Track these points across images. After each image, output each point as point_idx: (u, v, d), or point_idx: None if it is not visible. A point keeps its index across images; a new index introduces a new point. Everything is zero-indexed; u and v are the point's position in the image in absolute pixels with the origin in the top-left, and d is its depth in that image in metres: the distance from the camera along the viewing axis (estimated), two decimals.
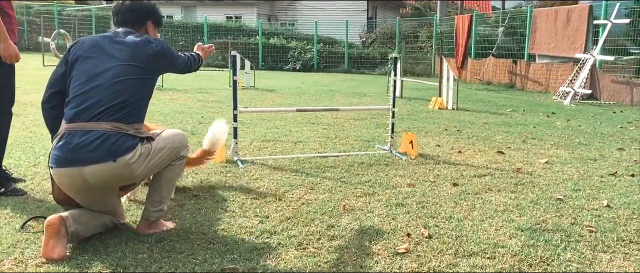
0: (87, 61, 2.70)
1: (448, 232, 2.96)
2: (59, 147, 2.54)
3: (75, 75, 2.69)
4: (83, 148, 2.49)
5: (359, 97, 10.72)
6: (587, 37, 11.67)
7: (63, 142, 2.53)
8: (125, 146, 2.56)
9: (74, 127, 2.55)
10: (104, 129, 2.54)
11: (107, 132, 2.53)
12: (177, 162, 2.89)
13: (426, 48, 19.40)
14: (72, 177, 2.53)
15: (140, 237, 2.79)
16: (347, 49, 21.41)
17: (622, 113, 9.16)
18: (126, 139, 2.58)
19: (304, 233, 2.91)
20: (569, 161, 4.95)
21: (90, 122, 2.55)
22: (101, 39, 2.79)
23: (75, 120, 2.57)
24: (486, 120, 7.68)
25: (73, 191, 2.63)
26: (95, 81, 2.64)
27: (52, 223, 2.45)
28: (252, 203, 3.46)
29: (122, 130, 2.58)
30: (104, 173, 2.53)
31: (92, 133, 2.52)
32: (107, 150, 2.51)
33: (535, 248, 2.74)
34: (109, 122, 2.56)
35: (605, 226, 3.10)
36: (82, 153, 2.49)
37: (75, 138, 2.51)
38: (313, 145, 5.47)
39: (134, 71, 2.70)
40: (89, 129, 2.53)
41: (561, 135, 6.52)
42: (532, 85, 13.36)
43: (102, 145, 2.50)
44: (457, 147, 5.51)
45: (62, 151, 2.52)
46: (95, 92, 2.61)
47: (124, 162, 2.55)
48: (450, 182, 4.06)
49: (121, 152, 2.54)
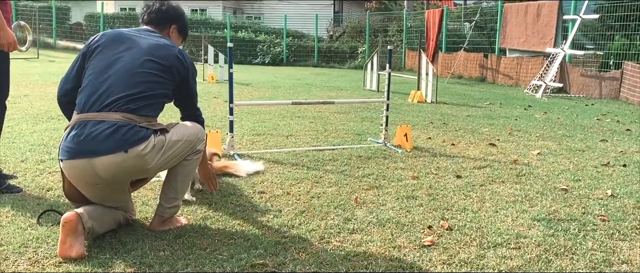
0: (106, 51, 2.60)
1: (467, 223, 2.95)
2: (69, 139, 2.43)
3: (92, 65, 2.58)
4: (93, 139, 2.38)
5: (337, 91, 10.69)
6: (557, 32, 11.96)
7: (74, 133, 2.42)
8: (138, 136, 2.44)
9: (85, 117, 2.44)
10: (115, 119, 2.43)
11: (118, 122, 2.42)
12: (194, 157, 2.78)
13: (396, 42, 19.52)
14: (83, 169, 2.41)
15: (156, 233, 2.68)
16: (317, 43, 21.34)
17: (594, 106, 9.43)
18: (138, 130, 2.45)
19: (322, 227, 2.85)
20: (559, 152, 5.04)
21: (101, 112, 2.44)
22: (125, 32, 2.70)
23: (87, 109, 2.46)
24: (468, 113, 7.77)
25: (84, 185, 2.50)
26: (111, 70, 2.54)
27: (70, 221, 2.32)
28: (260, 197, 3.38)
29: (133, 121, 2.46)
30: (115, 165, 2.40)
31: (104, 123, 2.41)
32: (118, 140, 2.39)
33: (556, 237, 2.76)
34: (120, 112, 2.45)
35: (616, 215, 3.15)
36: (93, 144, 2.37)
37: (86, 129, 2.40)
38: (305, 138, 5.40)
39: (152, 66, 2.59)
40: (100, 119, 2.42)
41: (543, 127, 6.65)
42: (503, 79, 13.62)
43: (113, 135, 2.39)
44: (449, 140, 5.54)
45: (73, 142, 2.40)
46: (109, 81, 2.51)
47: (136, 153, 2.43)
48: (453, 174, 4.06)
49: (133, 143, 2.42)
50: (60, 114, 6.31)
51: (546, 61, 11.79)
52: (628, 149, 5.28)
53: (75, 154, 2.39)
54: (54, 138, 4.88)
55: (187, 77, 2.75)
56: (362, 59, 19.76)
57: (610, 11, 11.39)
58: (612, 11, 11.31)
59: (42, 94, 8.04)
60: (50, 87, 9.05)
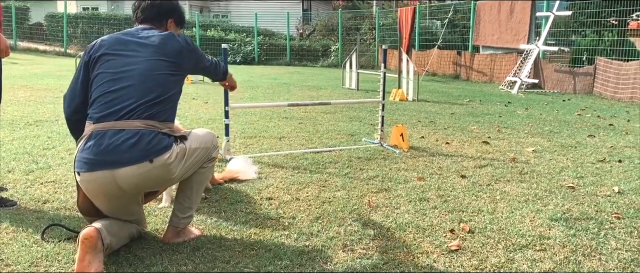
0: (112, 59, 2.44)
1: (487, 225, 2.91)
2: (87, 150, 2.26)
3: (100, 74, 2.41)
4: (116, 149, 2.23)
5: (316, 90, 10.60)
6: (530, 29, 12.15)
7: (92, 143, 2.26)
8: (162, 145, 2.32)
9: (102, 127, 2.29)
10: (137, 127, 2.29)
11: (140, 130, 2.28)
12: (208, 164, 2.66)
13: (369, 40, 19.54)
14: (104, 181, 2.26)
15: (172, 246, 2.54)
16: (289, 41, 21.20)
17: (570, 101, 9.61)
18: (162, 138, 2.33)
19: (342, 234, 2.77)
20: (553, 149, 5.08)
21: (119, 121, 2.29)
22: (123, 36, 2.53)
23: (103, 120, 2.31)
24: (452, 111, 7.79)
25: (102, 198, 2.35)
26: (123, 78, 2.38)
27: (90, 237, 2.17)
28: (269, 203, 3.27)
29: (155, 128, 2.34)
30: (139, 175, 2.27)
31: (124, 132, 2.26)
32: (142, 150, 2.26)
33: (579, 238, 2.75)
34: (141, 120, 2.31)
35: (629, 212, 3.17)
36: (115, 154, 2.23)
37: (106, 139, 2.25)
38: (299, 140, 5.30)
39: (162, 66, 2.46)
40: (119, 128, 2.28)
41: (529, 123, 6.72)
42: (477, 76, 13.78)
43: (137, 144, 2.25)
44: (442, 139, 5.52)
45: (92, 153, 2.24)
46: (124, 90, 2.35)
47: (162, 162, 2.30)
48: (456, 174, 4.03)
49: (158, 152, 2.29)
50: (37, 119, 6.08)
51: (520, 58, 11.97)
52: (617, 144, 5.36)
53: (96, 166, 2.24)
54: (37, 146, 4.64)
55: (195, 55, 2.69)
56: (336, 57, 19.73)
57: (581, 8, 11.64)
58: (584, 8, 11.56)
59: (12, 99, 7.69)
60: (19, 91, 8.68)
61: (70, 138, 4.97)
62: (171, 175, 2.38)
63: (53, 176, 3.73)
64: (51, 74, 12.35)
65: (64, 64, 16.33)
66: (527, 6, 12.18)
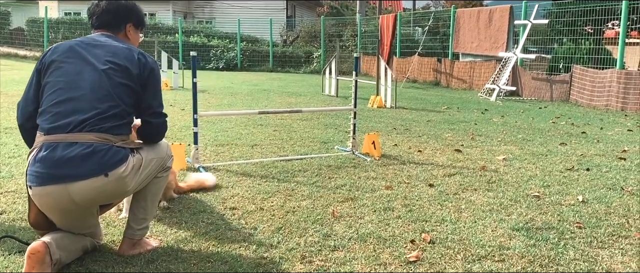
0: (63, 67, 2.35)
1: (448, 236, 2.91)
2: (38, 163, 2.18)
3: (50, 82, 2.33)
4: (68, 162, 2.16)
5: (295, 97, 10.58)
6: (509, 37, 12.27)
7: (43, 156, 2.18)
8: (117, 158, 2.26)
9: (53, 139, 2.21)
10: (90, 140, 2.22)
11: (94, 144, 2.22)
12: (163, 174, 2.62)
13: (350, 47, 19.59)
14: (58, 195, 2.19)
15: (126, 259, 2.49)
16: (272, 48, 21.17)
17: (547, 108, 9.70)
18: (116, 151, 2.27)
19: (302, 245, 2.74)
20: (523, 157, 5.10)
21: (71, 133, 2.21)
22: (77, 43, 2.43)
23: (54, 131, 2.23)
24: (428, 118, 7.82)
25: (56, 212, 2.29)
26: (74, 87, 2.30)
27: (37, 252, 2.12)
28: (232, 214, 3.23)
29: (109, 141, 2.27)
30: (93, 189, 2.21)
31: (77, 145, 2.19)
32: (97, 163, 2.19)
33: (538, 248, 2.75)
34: (95, 133, 2.24)
35: (591, 222, 3.18)
36: (68, 168, 2.16)
37: (58, 151, 2.17)
38: (271, 148, 5.27)
39: (116, 75, 2.36)
40: (71, 140, 2.20)
41: (503, 131, 6.76)
42: (457, 83, 13.86)
43: (90, 157, 2.19)
44: (415, 146, 5.53)
45: (44, 167, 2.17)
46: (75, 100, 2.27)
47: (117, 176, 2.25)
48: (424, 183, 4.03)
49: (113, 165, 2.24)
50: (7, 126, 5.97)
51: (499, 65, 12.07)
52: (587, 152, 5.41)
53: (48, 180, 2.16)
54: (3, 154, 4.56)
55: (152, 75, 2.47)
56: (318, 64, 19.74)
57: (558, 16, 11.78)
58: (560, 16, 11.70)
59: None
60: None
61: None
62: (126, 188, 2.34)
63: (14, 186, 3.66)
64: None
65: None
66: (506, 14, 12.30)
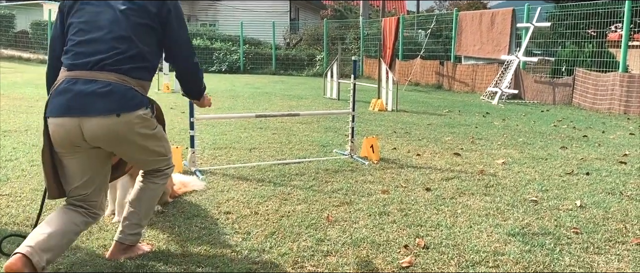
0: (85, 7, 2.39)
1: (443, 241, 2.88)
2: (57, 94, 2.27)
3: (73, 23, 2.37)
4: (85, 97, 2.23)
5: (297, 100, 10.57)
6: (511, 40, 12.22)
7: (63, 88, 2.26)
8: (132, 102, 2.31)
9: (74, 75, 2.28)
10: (109, 79, 2.28)
11: (112, 83, 2.27)
12: (160, 181, 2.60)
13: (353, 50, 19.57)
14: (69, 127, 2.25)
15: (114, 263, 2.47)
16: (275, 51, 21.17)
17: (549, 112, 9.65)
18: (134, 95, 2.33)
19: (295, 250, 2.72)
20: (523, 161, 5.07)
21: (92, 71, 2.28)
22: None
23: (76, 68, 2.29)
24: (429, 122, 7.78)
25: (68, 147, 2.32)
26: (95, 28, 2.34)
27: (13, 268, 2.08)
28: (226, 218, 3.21)
29: (127, 83, 2.32)
30: (102, 127, 2.25)
31: (96, 82, 2.26)
32: (112, 102, 2.26)
33: (533, 253, 2.72)
34: (114, 73, 2.29)
35: (588, 227, 3.15)
36: (84, 102, 2.23)
37: (77, 86, 2.25)
38: (269, 151, 5.25)
39: (135, 14, 2.37)
40: (91, 78, 2.27)
41: (504, 134, 6.72)
42: (459, 86, 13.82)
43: (107, 96, 2.25)
44: (414, 150, 5.50)
45: (62, 99, 2.25)
46: (95, 41, 2.32)
47: (128, 119, 2.29)
48: (422, 187, 4.00)
49: (126, 108, 2.29)
50: (6, 129, 5.98)
51: (501, 68, 12.03)
52: (588, 156, 5.37)
53: (65, 111, 2.24)
54: (0, 157, 4.55)
55: (176, 13, 2.47)
56: (321, 67, 19.72)
57: (561, 19, 11.73)
58: (563, 19, 11.64)
59: None
60: None
61: (35, 150, 4.90)
62: (132, 137, 2.35)
63: (9, 189, 3.65)
64: (31, 83, 12.20)
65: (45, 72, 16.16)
66: (508, 17, 12.25)
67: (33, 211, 3.18)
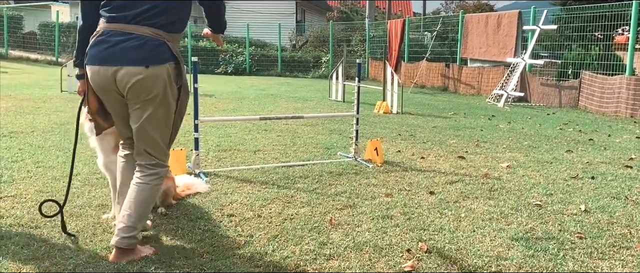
0: None
1: (445, 245, 2.87)
2: (96, 45, 2.51)
3: None
4: (121, 49, 2.47)
5: (302, 102, 10.57)
6: (517, 42, 12.18)
7: (101, 39, 2.50)
8: (162, 57, 2.52)
9: (113, 27, 2.50)
10: (144, 33, 2.49)
11: (146, 37, 2.49)
12: (156, 181, 2.63)
13: (359, 52, 19.57)
14: (105, 75, 2.51)
15: (116, 266, 2.48)
16: (280, 52, 21.21)
17: (555, 115, 9.61)
18: (165, 50, 2.53)
19: (297, 254, 2.72)
20: (528, 164, 5.05)
21: (129, 24, 2.49)
22: None
23: (114, 20, 2.51)
24: (434, 124, 7.77)
25: (104, 93, 2.59)
26: None
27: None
28: (230, 221, 3.22)
29: (161, 37, 2.52)
30: (132, 75, 2.47)
31: (133, 36, 2.48)
32: (143, 54, 2.47)
33: (536, 258, 2.71)
34: (149, 27, 2.50)
35: (592, 232, 3.13)
36: (118, 52, 2.47)
37: (114, 37, 2.48)
38: (273, 154, 5.26)
39: None
40: (128, 31, 2.49)
41: (509, 137, 6.70)
42: (465, 89, 13.79)
43: (141, 48, 2.47)
44: (418, 153, 5.49)
45: (100, 49, 2.50)
46: None
47: (155, 71, 2.50)
48: (425, 191, 3.99)
49: (156, 60, 2.50)
50: (12, 130, 6.01)
51: (507, 71, 11.99)
52: (593, 160, 5.34)
53: (101, 60, 2.49)
54: (5, 158, 4.58)
55: None
56: (326, 68, 19.73)
57: (567, 22, 11.68)
58: (569, 22, 11.60)
59: None
60: (2, 101, 8.60)
61: (40, 151, 4.93)
62: (155, 91, 2.52)
63: (14, 190, 3.67)
64: (38, 84, 12.28)
65: (53, 73, 16.24)
66: (514, 20, 12.22)
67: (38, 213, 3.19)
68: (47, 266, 2.48)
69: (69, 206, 3.34)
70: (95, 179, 4.01)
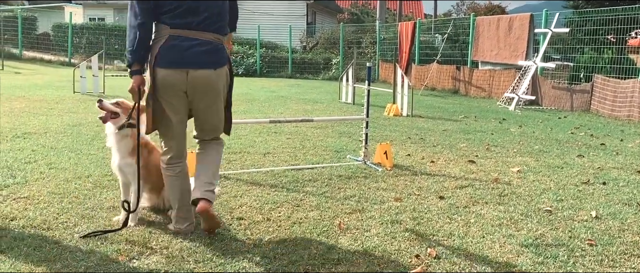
0: None
1: (454, 251, 2.87)
2: (168, 49, 2.77)
3: None
4: (192, 53, 2.79)
5: (312, 104, 10.59)
6: (529, 45, 12.11)
7: (173, 44, 2.77)
8: (224, 59, 2.94)
9: (180, 33, 2.80)
10: (208, 38, 2.85)
11: (211, 42, 2.86)
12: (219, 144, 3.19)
13: (369, 54, 19.56)
14: (178, 77, 2.80)
15: (126, 269, 2.51)
16: (291, 54, 21.25)
17: (567, 118, 9.54)
18: (224, 52, 2.94)
19: (306, 258, 2.73)
20: (539, 169, 5.02)
21: (195, 30, 2.81)
22: None
23: (179, 26, 2.79)
24: (444, 128, 7.75)
25: (172, 93, 2.84)
26: None
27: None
28: (239, 224, 3.24)
29: (220, 41, 2.91)
30: (203, 78, 2.83)
31: (200, 41, 2.82)
32: (211, 57, 2.85)
33: (546, 265, 2.70)
34: (211, 32, 2.85)
35: (603, 239, 3.11)
36: (191, 57, 2.79)
37: (184, 42, 2.79)
38: (283, 156, 5.27)
39: None
40: (194, 36, 2.81)
41: (520, 142, 6.66)
42: (476, 91, 13.73)
43: (209, 53, 2.84)
44: (428, 157, 5.48)
45: (173, 53, 2.78)
46: (196, 3, 2.81)
47: (219, 72, 2.90)
48: (435, 195, 3.99)
49: (220, 63, 2.90)
50: (26, 131, 6.08)
51: (518, 74, 11.93)
52: (605, 165, 5.30)
53: (175, 64, 2.79)
54: (19, 160, 4.64)
55: None
56: (337, 70, 19.74)
57: (579, 25, 11.60)
58: (582, 25, 11.52)
59: (7, 110, 7.72)
60: (16, 102, 8.71)
61: (53, 152, 4.98)
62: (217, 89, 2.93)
63: (27, 191, 3.72)
64: (51, 85, 12.41)
65: (65, 74, 16.41)
66: (526, 23, 12.15)
67: (50, 214, 3.23)
68: (59, 268, 2.51)
69: (80, 208, 3.38)
70: (106, 181, 4.05)
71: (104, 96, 9.89)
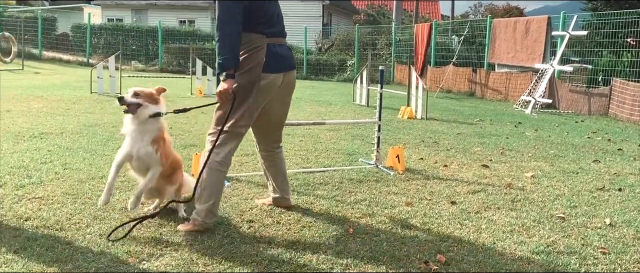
0: None
1: (464, 257, 2.85)
2: (274, 56, 3.18)
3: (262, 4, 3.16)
4: (287, 57, 3.30)
5: (326, 106, 10.60)
6: (546, 48, 11.98)
7: (276, 52, 3.20)
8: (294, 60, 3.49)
9: (275, 41, 3.22)
10: (286, 43, 3.35)
11: (288, 47, 3.37)
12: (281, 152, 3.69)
13: (385, 55, 19.50)
14: (278, 80, 3.24)
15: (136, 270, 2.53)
16: (306, 55, 21.27)
17: (584, 122, 9.42)
18: None
19: (314, 262, 2.73)
20: (553, 175, 4.96)
21: (278, 38, 3.26)
22: None
23: (274, 35, 3.22)
24: (459, 131, 7.69)
25: (271, 92, 3.23)
26: (273, 4, 3.29)
27: None
28: (249, 227, 3.25)
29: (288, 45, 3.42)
30: (292, 77, 3.38)
31: (286, 46, 3.34)
32: (293, 60, 3.40)
33: None
34: (285, 38, 3.35)
35: (616, 247, 3.06)
36: (287, 61, 3.30)
37: (281, 50, 3.25)
38: (295, 159, 5.28)
39: None
40: (282, 43, 3.29)
41: (535, 146, 6.59)
42: (492, 94, 13.62)
43: (292, 56, 3.40)
44: (441, 161, 5.45)
45: (278, 60, 3.21)
46: (276, 14, 3.30)
47: (295, 72, 3.42)
48: (447, 200, 3.96)
49: (295, 64, 3.44)
50: (43, 131, 6.17)
51: (535, 77, 11.81)
52: (621, 171, 5.22)
53: (280, 69, 3.23)
54: (35, 160, 4.71)
55: None
56: (351, 72, 19.72)
57: (598, 28, 11.44)
58: (600, 28, 11.36)
59: (25, 110, 7.85)
60: (34, 102, 8.85)
61: (69, 153, 5.05)
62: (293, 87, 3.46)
63: (42, 192, 3.77)
64: (69, 85, 12.58)
65: (83, 74, 16.62)
66: (543, 25, 12.02)
67: (63, 215, 3.28)
68: (70, 269, 2.54)
69: (93, 209, 3.42)
70: (119, 182, 4.09)
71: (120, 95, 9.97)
